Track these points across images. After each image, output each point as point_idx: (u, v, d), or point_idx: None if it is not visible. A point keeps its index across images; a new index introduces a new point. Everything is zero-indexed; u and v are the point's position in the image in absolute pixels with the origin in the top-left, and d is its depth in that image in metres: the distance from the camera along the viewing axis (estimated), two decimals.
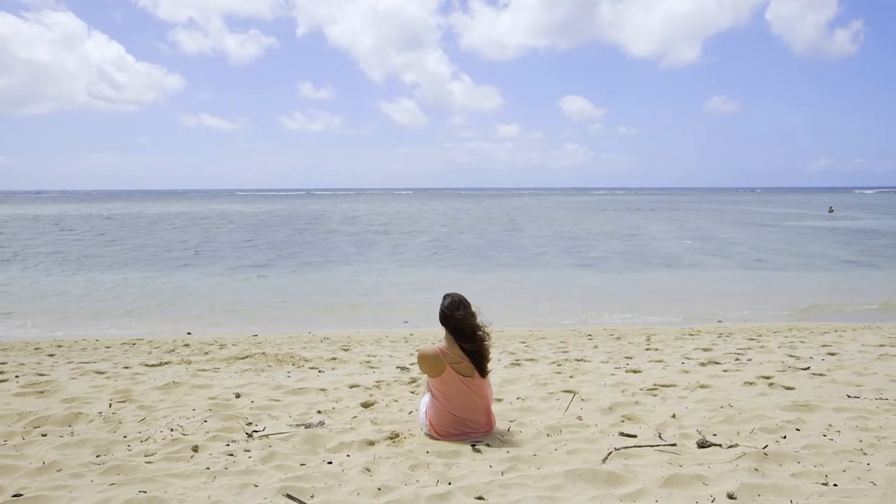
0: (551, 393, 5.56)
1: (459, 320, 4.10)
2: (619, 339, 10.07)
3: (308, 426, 4.51)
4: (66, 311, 14.25)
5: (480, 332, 4.14)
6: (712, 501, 2.98)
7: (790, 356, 7.61)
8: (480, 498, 3.11)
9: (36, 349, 9.44)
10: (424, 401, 4.37)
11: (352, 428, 4.44)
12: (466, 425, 4.15)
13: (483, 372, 4.16)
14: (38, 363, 7.90)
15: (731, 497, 2.99)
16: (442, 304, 4.23)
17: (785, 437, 4.03)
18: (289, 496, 3.08)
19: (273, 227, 41.55)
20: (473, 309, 4.22)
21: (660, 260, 23.34)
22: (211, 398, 5.46)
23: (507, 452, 3.81)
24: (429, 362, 4.15)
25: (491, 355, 4.27)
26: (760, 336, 9.91)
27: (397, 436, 4.22)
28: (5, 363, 7.76)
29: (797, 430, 4.22)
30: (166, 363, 7.85)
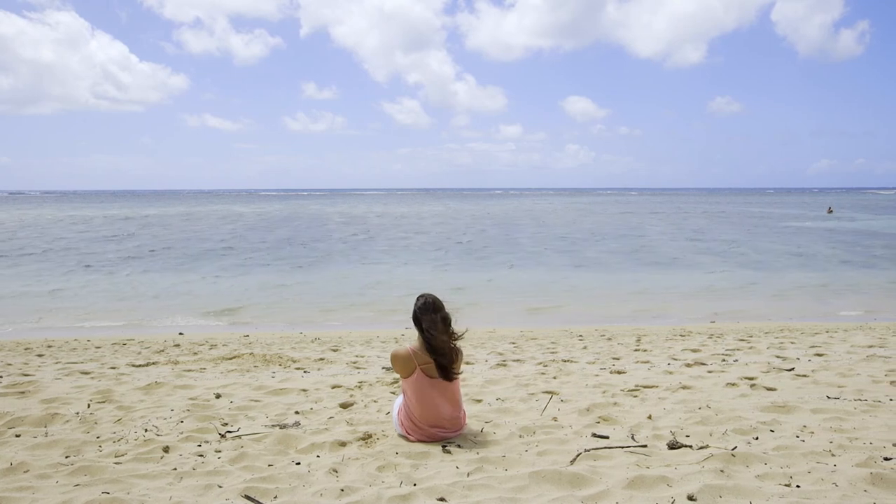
0: (532, 394, 5.55)
1: (427, 324, 4.08)
2: (609, 339, 10.06)
3: (283, 427, 4.51)
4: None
5: (445, 340, 4.10)
6: (672, 503, 2.97)
7: (777, 357, 7.60)
8: (442, 499, 3.10)
9: (26, 349, 9.46)
10: (398, 402, 4.36)
11: (326, 429, 4.44)
12: (438, 426, 4.13)
13: (449, 377, 4.13)
14: (26, 363, 7.92)
15: (691, 499, 2.98)
16: (415, 305, 4.22)
17: (757, 439, 4.02)
18: (247, 497, 3.07)
19: (273, 230, 41.60)
20: (447, 311, 4.20)
21: (657, 260, 23.33)
22: (191, 399, 5.46)
23: (477, 454, 3.81)
24: (400, 363, 4.15)
25: (461, 355, 4.25)
26: (751, 337, 9.89)
27: (370, 437, 4.21)
28: None
29: (771, 431, 4.20)
30: (153, 363, 7.86)
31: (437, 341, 4.08)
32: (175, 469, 3.56)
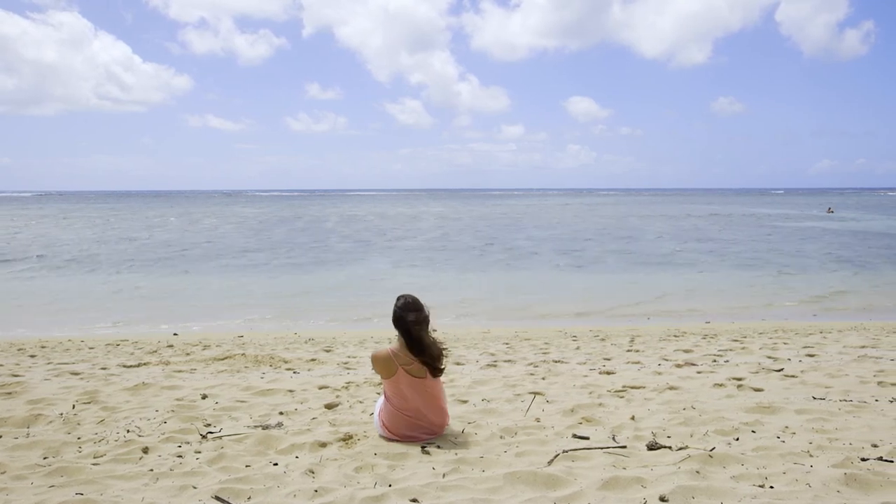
0: (518, 395, 5.54)
1: (409, 324, 4.09)
2: (603, 340, 10.04)
3: (265, 427, 4.51)
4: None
5: (429, 338, 4.12)
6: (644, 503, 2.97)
7: (769, 357, 7.58)
8: (415, 500, 3.10)
9: (19, 350, 9.46)
10: (379, 402, 4.37)
11: (308, 429, 4.43)
12: (419, 426, 4.14)
13: (434, 373, 4.15)
14: (17, 364, 7.92)
15: (662, 500, 2.97)
16: (395, 306, 4.22)
17: (738, 440, 4.01)
18: (218, 498, 3.07)
19: (270, 230, 41.70)
20: (426, 311, 4.21)
21: (655, 260, 23.30)
22: (177, 399, 5.46)
23: (455, 454, 3.80)
24: (381, 364, 4.15)
25: (444, 353, 4.26)
26: (745, 337, 9.86)
27: (350, 437, 4.21)
28: None
29: (753, 431, 4.20)
30: (144, 364, 7.86)
31: (423, 341, 4.09)
32: (152, 470, 3.56)
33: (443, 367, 4.23)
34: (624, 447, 3.86)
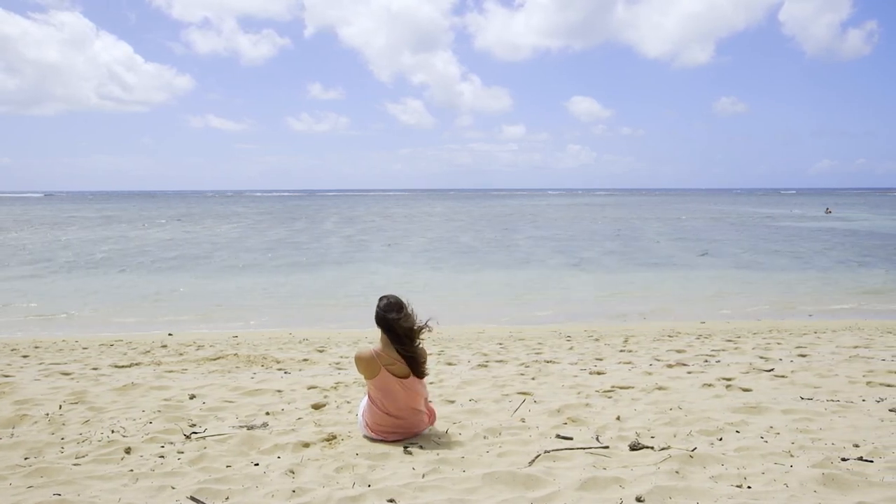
0: (506, 395, 5.53)
1: (393, 322, 4.09)
2: (597, 340, 10.03)
3: (250, 427, 4.51)
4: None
5: (415, 336, 4.13)
6: None
7: (761, 358, 7.57)
8: (392, 501, 3.09)
9: (12, 350, 9.46)
10: (363, 402, 4.36)
11: (293, 430, 4.43)
12: (402, 425, 4.14)
13: (419, 374, 4.15)
14: (9, 364, 7.92)
15: (639, 500, 2.97)
16: (378, 306, 4.22)
17: (721, 440, 4.00)
18: (193, 499, 3.07)
19: (270, 231, 41.73)
20: (410, 310, 4.21)
21: (653, 260, 23.27)
22: (165, 399, 5.46)
23: (437, 455, 3.80)
24: (364, 364, 4.15)
25: (428, 353, 4.26)
26: (739, 337, 9.85)
27: (334, 437, 4.21)
28: None
29: (737, 431, 4.19)
30: (136, 364, 7.86)
31: (410, 338, 4.09)
32: (132, 470, 3.56)
33: (426, 370, 4.22)
34: (606, 447, 3.85)
